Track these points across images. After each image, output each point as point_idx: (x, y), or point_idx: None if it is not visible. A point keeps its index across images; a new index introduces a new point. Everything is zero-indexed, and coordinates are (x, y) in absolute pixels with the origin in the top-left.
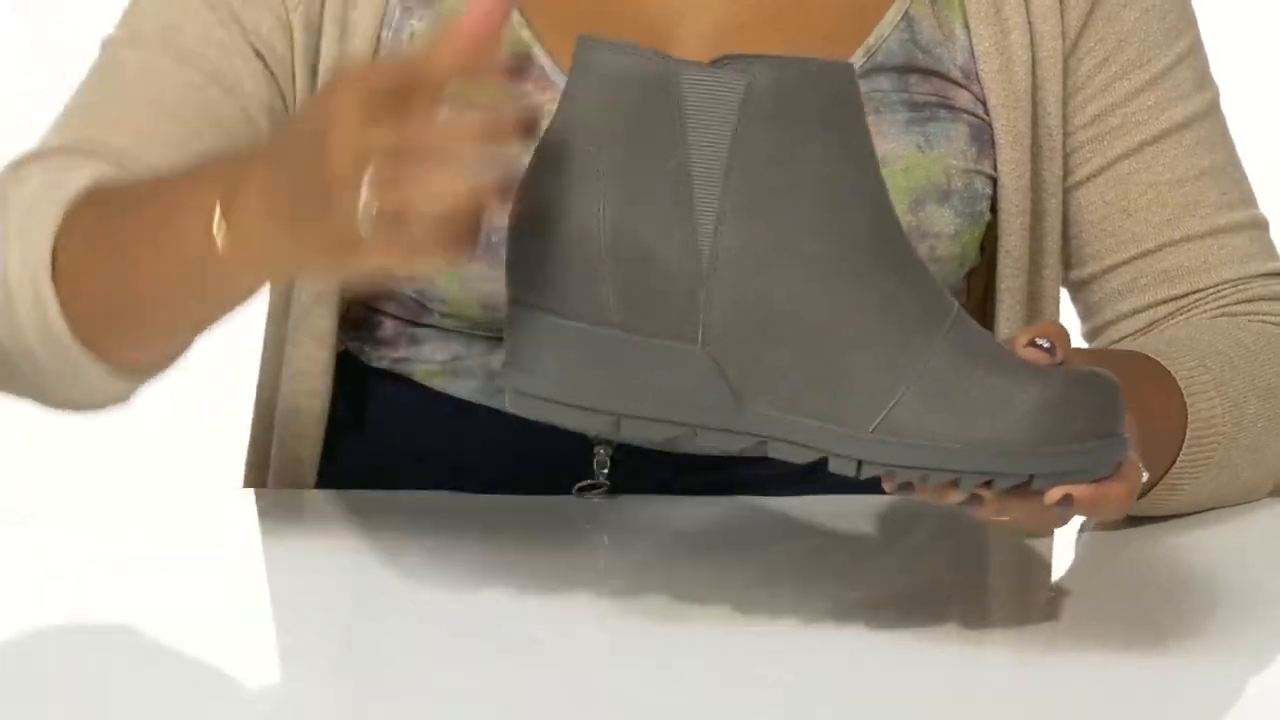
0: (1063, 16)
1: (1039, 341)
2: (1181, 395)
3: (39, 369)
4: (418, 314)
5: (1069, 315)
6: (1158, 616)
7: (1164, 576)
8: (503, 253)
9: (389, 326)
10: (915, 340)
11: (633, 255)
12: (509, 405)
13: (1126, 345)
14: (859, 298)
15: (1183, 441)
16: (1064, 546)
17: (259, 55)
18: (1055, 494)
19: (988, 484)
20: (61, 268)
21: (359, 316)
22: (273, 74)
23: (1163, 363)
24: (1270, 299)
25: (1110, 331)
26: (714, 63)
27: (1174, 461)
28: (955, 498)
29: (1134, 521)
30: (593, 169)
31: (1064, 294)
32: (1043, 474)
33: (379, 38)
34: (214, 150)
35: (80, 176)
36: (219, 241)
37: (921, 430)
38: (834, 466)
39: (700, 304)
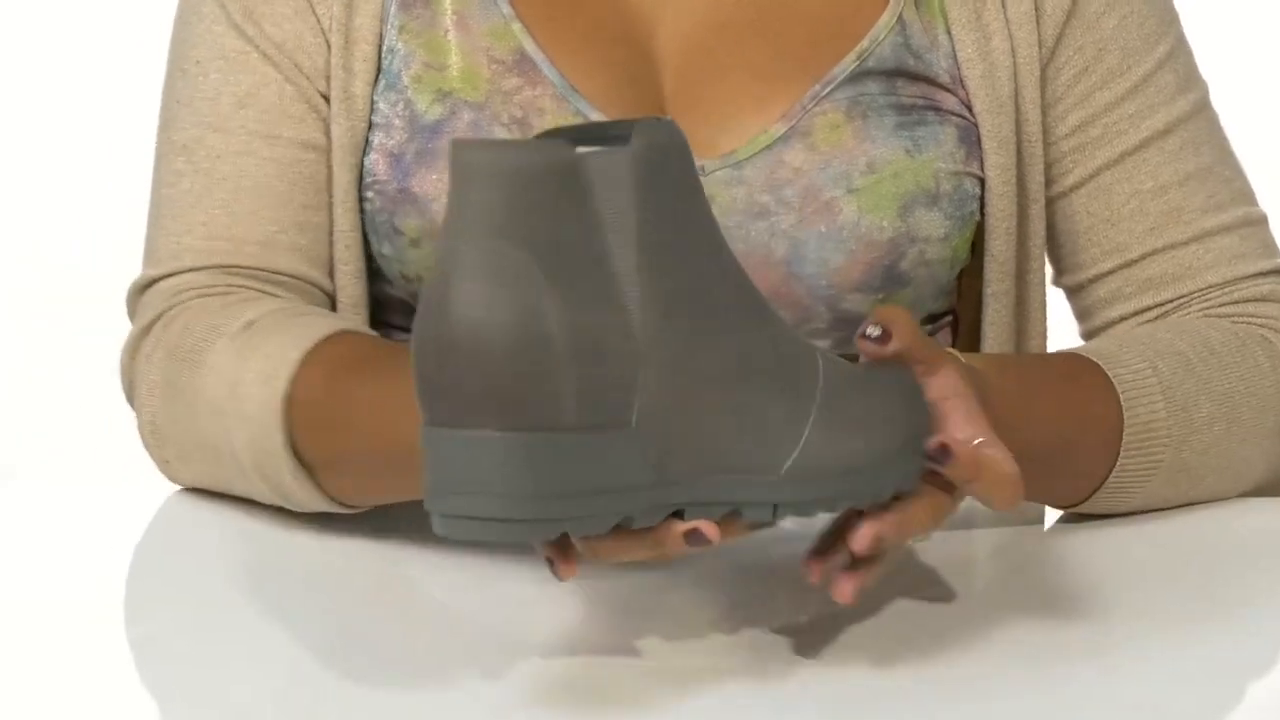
0: (1039, 24)
1: (868, 331)
2: (1119, 400)
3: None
4: (409, 318)
5: (1056, 319)
6: (1153, 617)
7: (1158, 575)
8: None
9: (397, 337)
10: (805, 377)
11: (587, 352)
12: (443, 531)
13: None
14: (759, 343)
15: (1119, 447)
16: (1061, 547)
17: (323, 96)
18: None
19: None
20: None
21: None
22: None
23: (1105, 366)
24: (1258, 300)
25: (1099, 336)
26: (591, 137)
27: (1113, 468)
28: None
29: (1128, 520)
30: (522, 270)
31: (1055, 298)
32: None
33: (381, 35)
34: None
35: (291, 357)
36: None
37: (827, 462)
38: (749, 514)
39: (638, 386)
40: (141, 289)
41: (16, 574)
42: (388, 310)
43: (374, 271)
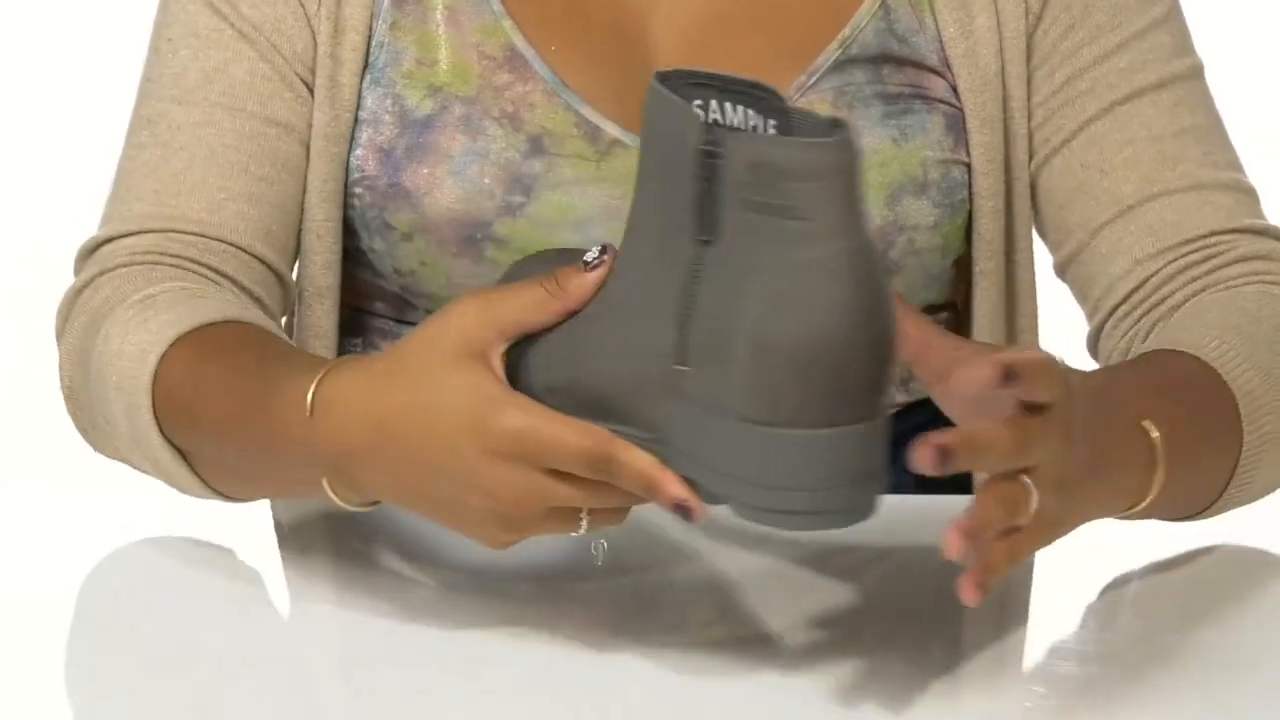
0: None
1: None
2: (1219, 376)
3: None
4: (401, 311)
5: (1045, 300)
6: (1146, 622)
7: (1151, 583)
8: (484, 250)
9: (379, 325)
10: None
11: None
12: (782, 526)
13: (1125, 314)
14: None
15: (1240, 424)
16: (1056, 547)
17: (301, 80)
18: None
19: None
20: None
21: (350, 318)
22: (314, 96)
23: (1189, 350)
24: (1260, 258)
25: (1104, 300)
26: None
27: (1241, 445)
28: None
29: (1122, 526)
30: (879, 263)
31: (1044, 284)
32: None
33: (370, 29)
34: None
35: (166, 335)
36: (333, 496)
37: None
38: None
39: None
40: (87, 252)
41: (16, 574)
42: (368, 298)
43: (360, 261)
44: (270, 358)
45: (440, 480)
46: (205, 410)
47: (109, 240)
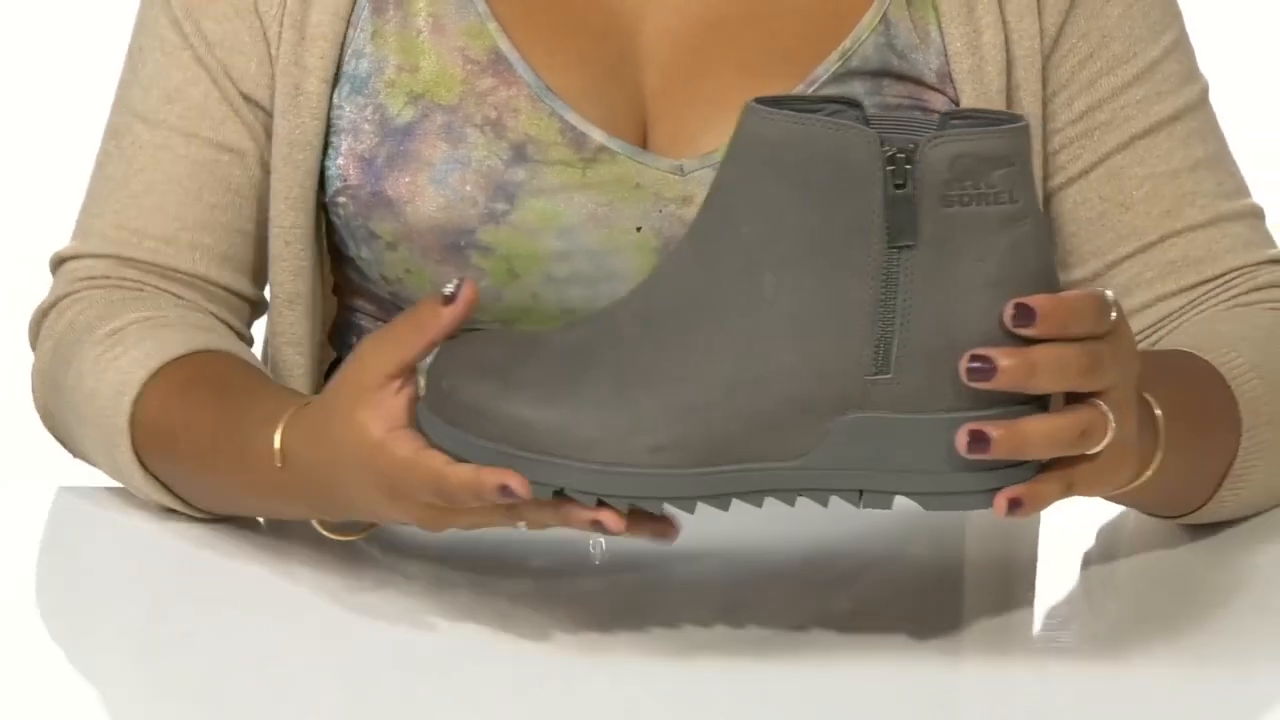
0: (1040, 15)
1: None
2: (1223, 379)
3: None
4: (395, 314)
5: None
6: (1143, 621)
7: (1148, 578)
8: (469, 257)
9: (375, 329)
10: None
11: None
12: (964, 507)
13: (1144, 342)
14: None
15: (1239, 428)
16: (1053, 549)
17: (250, 100)
18: None
19: None
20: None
21: (342, 322)
22: (268, 112)
23: (1198, 353)
24: (1276, 285)
25: None
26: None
27: (1237, 447)
28: None
29: (1118, 524)
30: (1039, 239)
31: None
32: None
33: (345, 37)
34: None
35: (145, 366)
36: (321, 529)
37: None
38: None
39: None
40: (54, 265)
41: (15, 574)
42: (364, 302)
43: (352, 266)
44: (239, 394)
45: (375, 513)
46: (182, 451)
47: (74, 257)
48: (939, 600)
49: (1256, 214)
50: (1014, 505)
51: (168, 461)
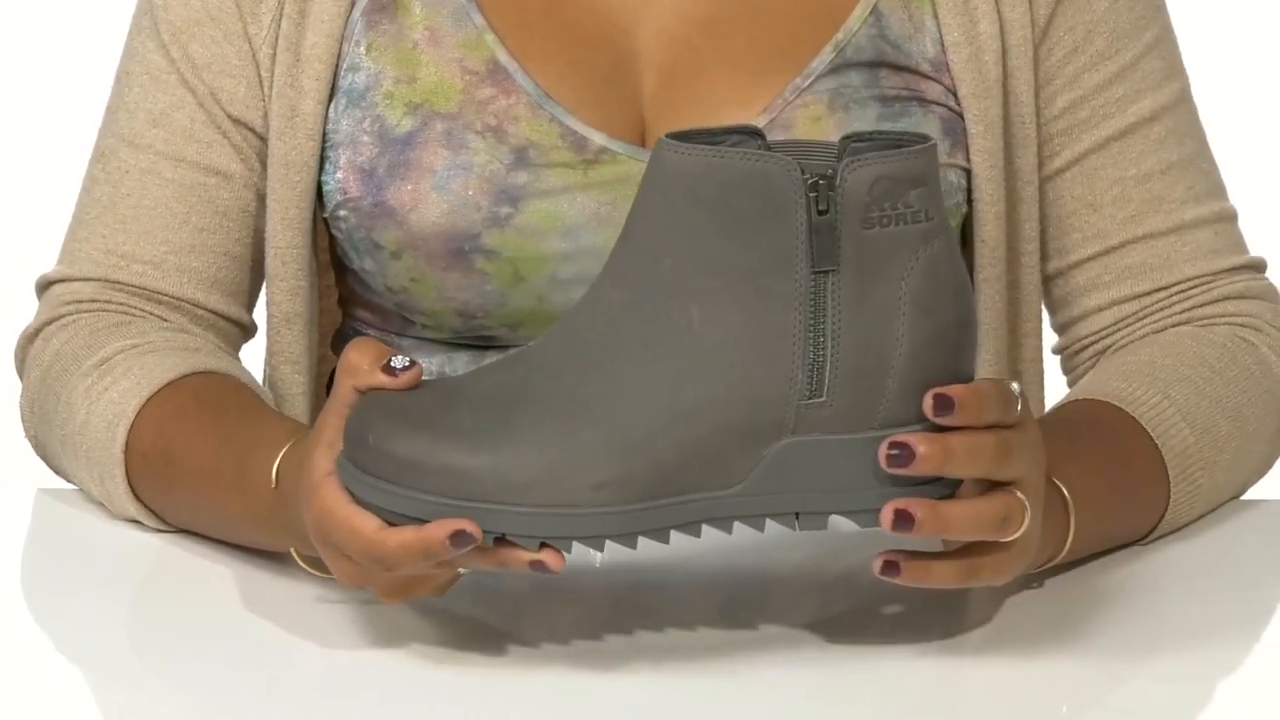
0: (1031, 4)
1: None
2: (1150, 436)
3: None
4: (401, 326)
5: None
6: (1143, 625)
7: (1148, 579)
8: (474, 262)
9: (369, 334)
10: None
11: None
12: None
13: (1092, 342)
14: None
15: (1168, 481)
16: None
17: (239, 123)
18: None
19: None
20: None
21: (346, 333)
22: (258, 134)
23: (1124, 406)
24: (1236, 297)
25: (1077, 327)
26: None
27: (1168, 501)
28: None
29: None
30: (954, 253)
31: None
32: None
33: (339, 53)
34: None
35: (137, 394)
36: (296, 558)
37: None
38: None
39: None
40: (41, 288)
41: (15, 574)
42: (370, 315)
43: (357, 280)
44: (235, 416)
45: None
46: (179, 474)
47: (61, 280)
48: (939, 600)
49: (1225, 218)
50: (901, 519)
51: (163, 488)
